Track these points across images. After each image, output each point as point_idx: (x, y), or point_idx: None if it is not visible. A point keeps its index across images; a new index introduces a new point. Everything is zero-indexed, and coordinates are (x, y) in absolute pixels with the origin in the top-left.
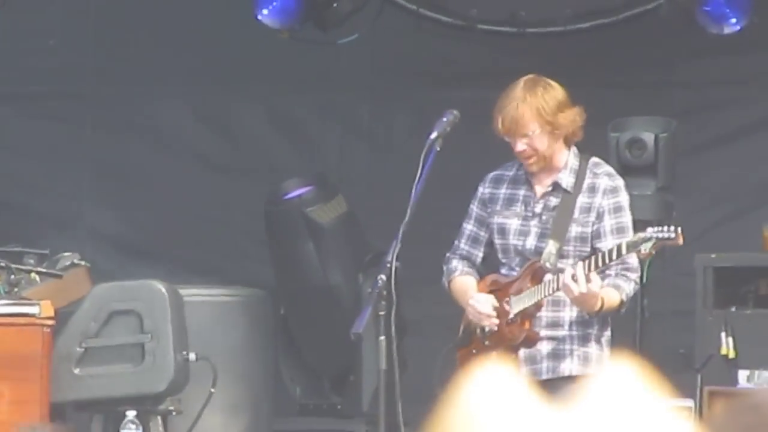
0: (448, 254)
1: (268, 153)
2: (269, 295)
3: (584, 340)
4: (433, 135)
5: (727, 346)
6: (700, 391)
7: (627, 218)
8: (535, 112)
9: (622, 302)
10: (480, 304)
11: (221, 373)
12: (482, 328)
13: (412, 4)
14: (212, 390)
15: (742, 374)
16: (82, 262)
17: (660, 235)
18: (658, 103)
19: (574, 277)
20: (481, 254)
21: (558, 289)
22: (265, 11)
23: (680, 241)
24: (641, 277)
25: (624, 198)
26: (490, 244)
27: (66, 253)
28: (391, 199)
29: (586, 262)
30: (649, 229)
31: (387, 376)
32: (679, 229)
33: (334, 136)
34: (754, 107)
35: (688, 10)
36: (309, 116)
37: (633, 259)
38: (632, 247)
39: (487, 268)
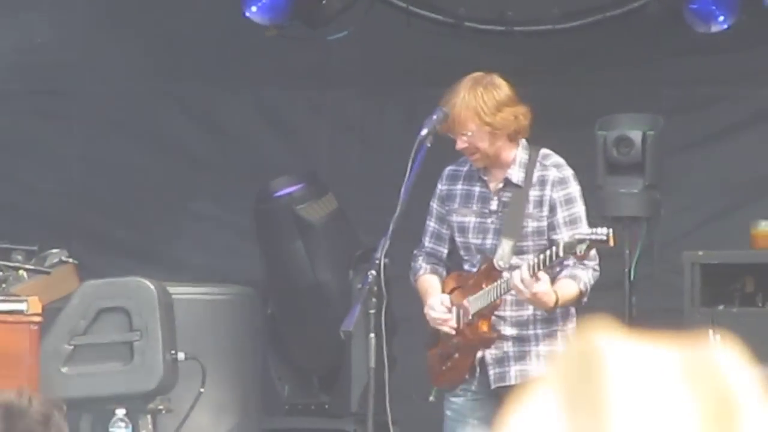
0: (415, 251)
1: (258, 150)
2: (258, 293)
3: (550, 337)
4: (423, 132)
5: (715, 343)
6: None
7: (579, 208)
8: (473, 112)
9: (581, 292)
10: (434, 310)
11: (210, 371)
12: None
13: (401, 2)
14: (201, 389)
15: None
16: (70, 259)
17: (593, 237)
18: (646, 101)
19: (522, 280)
20: (446, 250)
21: (510, 290)
22: (253, 8)
23: (611, 243)
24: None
25: (574, 188)
26: (453, 239)
27: (54, 250)
28: (381, 196)
29: (531, 263)
30: (584, 230)
31: (376, 374)
32: (611, 231)
33: (324, 134)
34: (742, 105)
35: (675, 8)
36: (299, 113)
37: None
38: (568, 248)
39: (454, 262)
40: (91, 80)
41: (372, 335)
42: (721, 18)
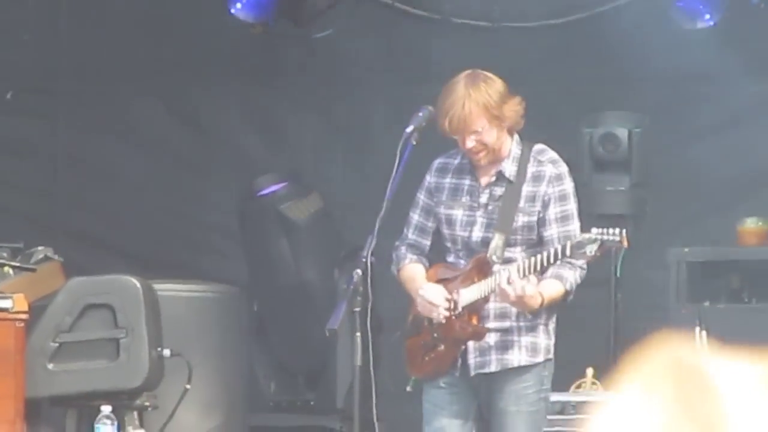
0: (396, 242)
1: (243, 149)
2: (243, 292)
3: (532, 330)
4: (409, 129)
5: (701, 340)
6: None
7: (572, 206)
8: (482, 107)
9: (566, 292)
10: (429, 294)
11: (195, 369)
12: (430, 319)
13: None
14: (187, 386)
15: None
16: (56, 257)
17: (605, 237)
18: (632, 99)
19: (509, 280)
20: (429, 243)
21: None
22: (238, 5)
23: (625, 243)
24: (617, 269)
25: (569, 185)
26: (437, 232)
27: (39, 248)
28: (367, 194)
29: (525, 263)
30: (594, 230)
31: (362, 372)
32: (624, 232)
33: (309, 132)
34: (727, 102)
35: (661, 5)
36: (284, 112)
37: None
38: (577, 248)
39: (435, 254)
40: (76, 78)
41: (358, 334)
42: (707, 15)
